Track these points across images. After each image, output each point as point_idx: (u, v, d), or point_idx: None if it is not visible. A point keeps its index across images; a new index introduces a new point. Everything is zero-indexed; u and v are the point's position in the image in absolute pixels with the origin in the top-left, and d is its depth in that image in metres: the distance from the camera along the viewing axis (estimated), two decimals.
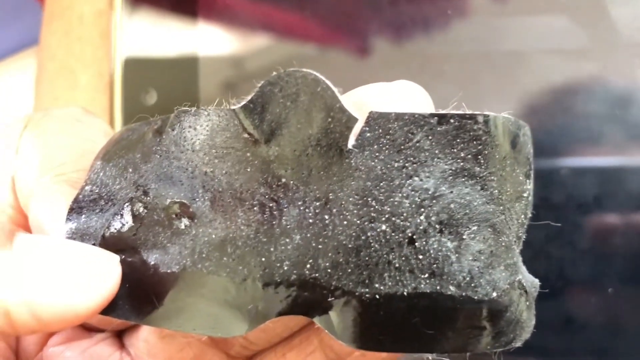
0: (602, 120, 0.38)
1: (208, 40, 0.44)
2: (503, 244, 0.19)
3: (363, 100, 0.20)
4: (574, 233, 0.37)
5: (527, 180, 0.20)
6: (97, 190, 0.22)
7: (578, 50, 0.39)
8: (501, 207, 0.19)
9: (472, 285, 0.18)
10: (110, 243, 0.20)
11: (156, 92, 0.44)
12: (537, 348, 0.20)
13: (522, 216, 0.20)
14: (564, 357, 0.38)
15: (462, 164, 0.19)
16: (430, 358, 0.19)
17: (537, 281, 0.21)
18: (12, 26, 0.57)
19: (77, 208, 0.22)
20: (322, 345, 0.22)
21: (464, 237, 0.19)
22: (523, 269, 0.20)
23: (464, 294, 0.18)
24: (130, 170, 0.21)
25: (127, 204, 0.20)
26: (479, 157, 0.19)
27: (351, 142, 0.19)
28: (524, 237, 0.21)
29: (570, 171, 0.38)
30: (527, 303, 0.20)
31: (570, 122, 0.39)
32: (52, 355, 0.24)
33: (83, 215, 0.21)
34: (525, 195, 0.20)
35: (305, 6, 0.43)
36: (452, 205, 0.18)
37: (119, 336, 0.25)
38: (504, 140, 0.19)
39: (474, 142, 0.19)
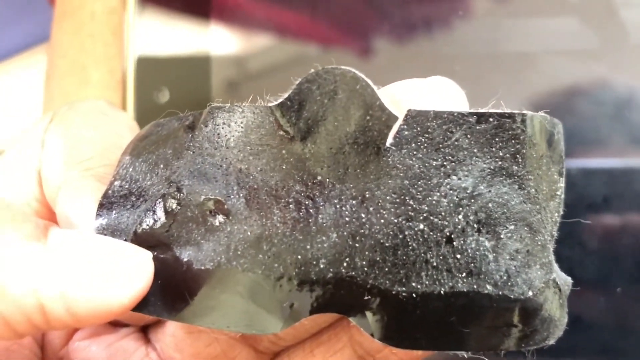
0: (611, 121, 0.38)
1: (220, 40, 0.44)
2: (539, 242, 0.19)
3: (397, 97, 0.19)
4: (583, 233, 0.37)
5: (560, 178, 0.20)
6: (127, 186, 0.21)
7: (587, 51, 0.39)
8: (537, 206, 0.19)
9: (509, 284, 0.18)
10: (142, 239, 0.20)
11: (169, 91, 0.44)
12: (545, 347, 0.20)
13: (556, 214, 0.20)
14: (572, 356, 0.38)
15: (500, 163, 0.18)
16: (465, 356, 0.19)
17: (569, 279, 0.21)
18: (21, 24, 0.56)
19: (107, 204, 0.21)
20: (351, 341, 0.22)
21: (502, 236, 0.18)
22: (556, 267, 0.20)
23: (500, 293, 0.18)
24: (162, 166, 0.21)
25: (159, 200, 0.20)
26: (517, 156, 0.19)
27: (389, 140, 0.19)
28: (556, 235, 0.21)
29: (579, 172, 0.38)
30: (560, 301, 0.20)
31: (578, 123, 0.39)
32: (78, 350, 0.24)
33: (114, 211, 0.21)
34: (558, 193, 0.20)
35: (308, 6, 0.43)
36: (490, 205, 0.18)
37: (144, 331, 0.25)
38: (541, 140, 0.19)
39: (513, 141, 0.18)
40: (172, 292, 0.20)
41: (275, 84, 0.44)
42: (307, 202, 0.19)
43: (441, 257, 0.18)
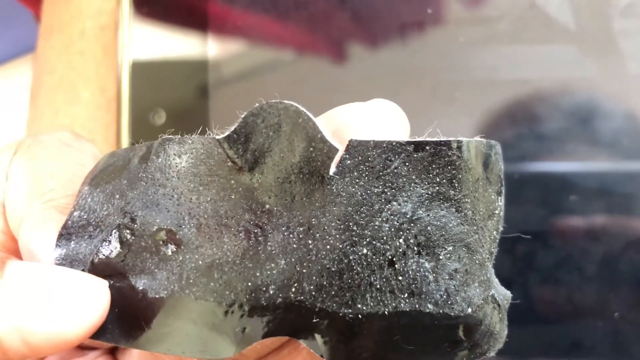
0: (609, 149, 0.40)
1: (219, 56, 0.43)
2: (477, 261, 0.20)
3: (339, 125, 0.20)
4: (582, 259, 0.39)
5: (499, 198, 0.21)
6: (85, 216, 0.22)
7: (587, 79, 0.40)
8: (475, 227, 0.20)
9: (449, 302, 0.19)
10: (99, 269, 0.21)
11: (165, 112, 0.43)
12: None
13: (494, 232, 0.21)
14: None
15: (437, 188, 0.19)
16: None
17: (509, 293, 0.22)
18: (2, 33, 0.58)
19: (66, 234, 0.22)
20: (310, 355, 0.22)
21: (441, 257, 0.19)
22: (496, 282, 0.21)
23: (441, 311, 0.19)
24: (117, 196, 0.21)
25: (114, 230, 0.21)
26: (454, 181, 0.20)
27: (332, 169, 0.19)
28: (496, 251, 0.22)
29: (579, 198, 0.39)
30: (500, 315, 0.21)
31: (579, 150, 0.41)
32: None
33: (72, 242, 0.22)
34: (496, 212, 0.21)
35: (283, 12, 0.43)
36: (429, 228, 0.19)
37: (113, 353, 0.25)
38: (477, 163, 0.20)
39: (449, 167, 0.19)
40: (129, 320, 0.20)
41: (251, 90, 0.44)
42: (256, 230, 0.20)
43: (384, 280, 0.19)
